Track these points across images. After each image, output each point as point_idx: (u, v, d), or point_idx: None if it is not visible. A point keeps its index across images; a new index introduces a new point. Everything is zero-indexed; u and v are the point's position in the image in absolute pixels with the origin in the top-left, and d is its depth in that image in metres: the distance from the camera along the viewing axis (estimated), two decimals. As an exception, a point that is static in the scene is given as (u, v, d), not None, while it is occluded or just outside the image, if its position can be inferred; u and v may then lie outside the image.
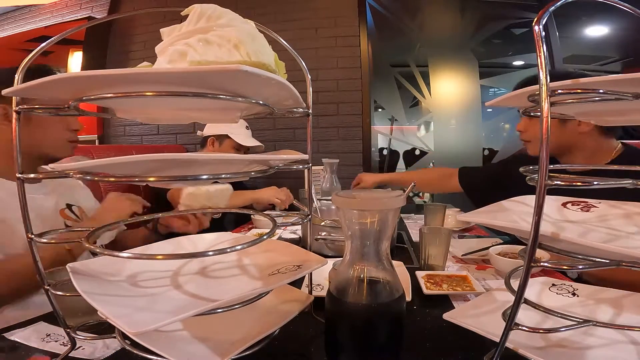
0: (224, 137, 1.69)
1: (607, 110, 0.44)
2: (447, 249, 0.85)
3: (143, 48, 2.65)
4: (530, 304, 0.40)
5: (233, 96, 0.39)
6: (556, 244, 0.39)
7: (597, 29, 3.21)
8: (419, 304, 0.66)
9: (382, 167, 3.78)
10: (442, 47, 2.76)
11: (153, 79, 0.36)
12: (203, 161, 0.43)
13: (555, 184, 0.33)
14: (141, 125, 2.66)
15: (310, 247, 0.56)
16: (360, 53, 2.41)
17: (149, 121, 0.48)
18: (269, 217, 0.55)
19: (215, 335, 0.45)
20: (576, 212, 0.54)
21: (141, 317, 0.36)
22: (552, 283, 0.61)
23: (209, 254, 0.40)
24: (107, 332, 0.47)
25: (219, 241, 0.61)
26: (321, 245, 0.96)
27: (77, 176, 0.39)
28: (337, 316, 0.46)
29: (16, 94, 0.40)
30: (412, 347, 0.51)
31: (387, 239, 0.45)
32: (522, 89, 0.39)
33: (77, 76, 0.33)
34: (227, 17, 0.41)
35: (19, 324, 0.58)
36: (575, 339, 0.46)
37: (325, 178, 1.53)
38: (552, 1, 0.34)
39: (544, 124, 0.31)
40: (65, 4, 2.91)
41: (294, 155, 0.51)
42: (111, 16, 2.43)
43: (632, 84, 0.33)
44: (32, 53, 0.43)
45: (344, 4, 2.44)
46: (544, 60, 0.31)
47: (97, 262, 0.48)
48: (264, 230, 1.25)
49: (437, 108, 2.75)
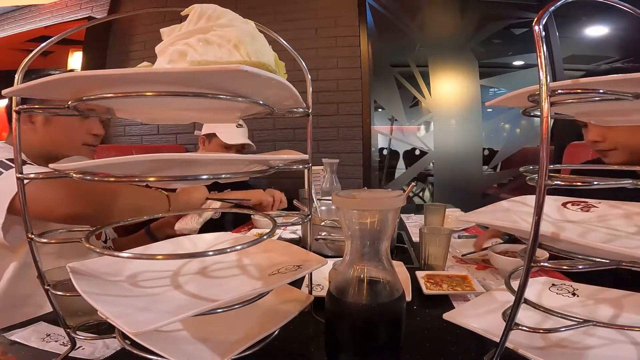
0: (212, 136, 1.68)
1: (607, 111, 0.44)
2: (447, 249, 0.85)
3: (143, 48, 2.65)
4: (530, 304, 0.40)
5: (233, 96, 0.39)
6: (556, 244, 0.39)
7: (597, 29, 3.22)
8: (419, 304, 0.66)
9: (382, 167, 3.78)
10: (442, 47, 2.76)
11: (153, 79, 0.36)
12: (203, 161, 0.43)
13: (555, 184, 0.33)
14: (141, 125, 2.66)
15: (310, 247, 0.56)
16: (360, 53, 2.41)
17: (149, 121, 0.48)
18: (269, 217, 0.55)
19: (215, 335, 0.45)
20: (576, 212, 0.54)
21: (141, 317, 0.36)
22: (552, 283, 0.61)
23: (209, 254, 0.40)
24: (107, 332, 0.47)
25: (219, 241, 0.61)
26: (321, 245, 0.96)
27: (77, 176, 0.39)
28: (337, 316, 0.46)
29: (16, 94, 0.40)
30: (412, 347, 0.51)
31: (387, 239, 0.45)
32: (522, 89, 0.39)
33: (77, 76, 0.33)
34: (227, 17, 0.41)
35: (19, 324, 0.58)
36: (575, 339, 0.46)
37: (325, 178, 1.53)
38: (552, 1, 0.34)
39: (544, 124, 0.31)
40: (65, 4, 2.91)
41: (294, 155, 0.51)
42: (111, 16, 2.43)
43: (632, 84, 0.33)
44: (32, 53, 0.43)
45: (344, 4, 2.44)
46: (544, 60, 0.31)
47: (97, 262, 0.48)
48: (264, 230, 1.25)
49: (437, 108, 2.75)
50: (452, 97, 2.74)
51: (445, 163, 2.73)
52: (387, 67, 2.91)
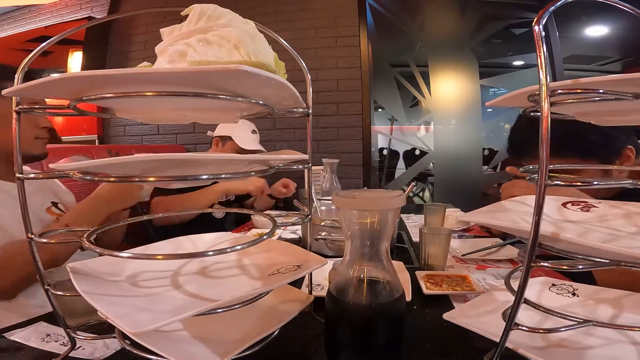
0: (227, 139, 1.71)
1: (607, 111, 0.44)
2: (447, 249, 0.85)
3: (143, 48, 2.65)
4: (530, 304, 0.40)
5: (233, 96, 0.39)
6: (556, 244, 0.39)
7: (597, 29, 3.22)
8: (419, 304, 0.66)
9: (382, 167, 3.78)
10: (442, 47, 2.76)
11: (153, 79, 0.36)
12: (203, 161, 0.43)
13: (555, 184, 0.33)
14: (141, 125, 2.66)
15: (310, 247, 0.56)
16: (360, 53, 2.41)
17: (149, 121, 0.48)
18: (269, 217, 0.55)
19: (215, 335, 0.45)
20: (576, 212, 0.54)
21: (141, 317, 0.36)
22: (552, 283, 0.61)
23: (209, 254, 0.40)
24: (107, 332, 0.47)
25: (219, 241, 0.61)
26: (321, 245, 0.96)
27: (77, 176, 0.39)
28: (337, 316, 0.46)
29: (16, 94, 0.40)
30: (412, 347, 0.51)
31: (387, 239, 0.45)
32: (522, 89, 0.39)
33: (77, 76, 0.33)
34: (227, 17, 0.41)
35: (19, 324, 0.58)
36: (575, 339, 0.46)
37: (325, 178, 1.53)
38: (552, 1, 0.34)
39: (544, 124, 0.31)
40: (65, 4, 2.92)
41: (294, 155, 0.51)
42: (111, 16, 2.43)
43: (632, 84, 0.33)
44: (32, 53, 0.43)
45: (344, 4, 2.44)
46: (544, 60, 0.31)
47: (97, 262, 0.48)
48: (264, 230, 1.25)
49: (437, 108, 2.75)
50: (452, 97, 2.74)
51: (445, 163, 2.73)
52: (387, 67, 2.91)
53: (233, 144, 1.69)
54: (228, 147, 1.71)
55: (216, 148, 1.75)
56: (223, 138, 1.72)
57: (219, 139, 1.74)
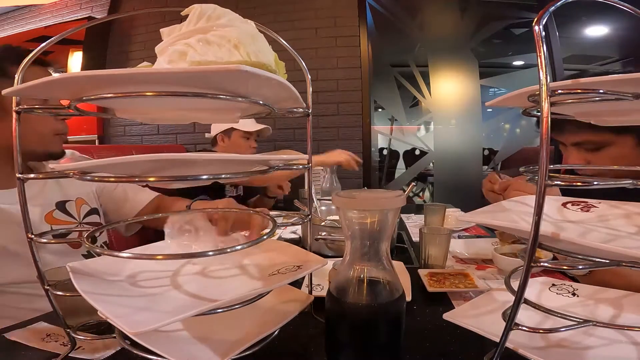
0: (230, 131, 1.72)
1: (607, 111, 0.44)
2: (447, 249, 0.85)
3: (143, 48, 2.65)
4: (530, 304, 0.40)
5: (233, 96, 0.39)
6: (556, 244, 0.39)
7: (597, 29, 3.22)
8: (419, 304, 0.66)
9: (382, 167, 3.78)
10: (442, 47, 2.76)
11: (153, 79, 0.36)
12: (203, 161, 0.43)
13: (555, 184, 0.33)
14: (141, 125, 2.67)
15: (310, 247, 0.56)
16: (360, 53, 2.42)
17: (149, 121, 0.48)
18: (269, 217, 0.55)
19: (215, 335, 0.45)
20: (576, 212, 0.54)
21: (141, 317, 0.36)
22: (552, 283, 0.61)
23: (209, 254, 0.40)
24: (107, 332, 0.47)
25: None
26: (321, 245, 0.96)
27: (77, 176, 0.39)
28: (337, 316, 0.46)
29: (16, 94, 0.40)
30: (412, 347, 0.51)
31: (387, 239, 0.45)
32: (522, 89, 0.38)
33: (77, 76, 0.33)
34: (227, 17, 0.41)
35: (19, 323, 0.58)
36: (575, 339, 0.46)
37: (325, 178, 1.53)
38: (552, 1, 0.34)
39: (544, 124, 0.31)
40: (65, 4, 2.92)
41: (294, 155, 0.51)
42: (111, 16, 2.43)
43: (632, 84, 0.33)
44: (32, 53, 0.43)
45: (344, 4, 2.44)
46: (544, 60, 0.31)
47: (97, 262, 0.48)
48: (264, 230, 1.25)
49: (437, 108, 2.75)
50: (452, 97, 2.74)
51: (445, 163, 2.73)
52: (387, 67, 2.91)
53: (238, 132, 1.71)
54: (235, 136, 1.72)
55: (222, 143, 1.74)
56: (226, 132, 1.73)
57: (223, 134, 1.74)
